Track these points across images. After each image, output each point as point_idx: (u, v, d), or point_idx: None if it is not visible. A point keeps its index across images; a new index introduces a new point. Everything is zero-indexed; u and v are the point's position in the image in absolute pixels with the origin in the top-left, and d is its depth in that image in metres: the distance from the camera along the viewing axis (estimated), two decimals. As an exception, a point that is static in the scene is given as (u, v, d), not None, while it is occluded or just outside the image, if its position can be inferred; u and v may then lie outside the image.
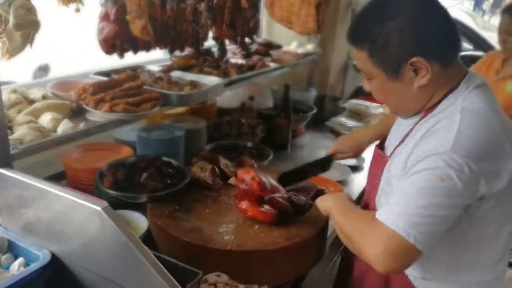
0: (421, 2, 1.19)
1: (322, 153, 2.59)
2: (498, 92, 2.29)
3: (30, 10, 1.55)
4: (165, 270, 1.13)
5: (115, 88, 1.74)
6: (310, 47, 3.14)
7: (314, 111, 2.95)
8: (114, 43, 1.91)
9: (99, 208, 1.14)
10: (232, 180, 1.61)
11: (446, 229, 1.15)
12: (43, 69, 2.87)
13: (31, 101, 1.75)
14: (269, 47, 2.91)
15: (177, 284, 1.12)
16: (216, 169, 1.82)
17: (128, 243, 1.13)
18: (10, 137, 1.39)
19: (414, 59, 1.16)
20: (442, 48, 1.19)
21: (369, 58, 1.23)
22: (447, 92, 1.24)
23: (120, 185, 1.67)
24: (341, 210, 1.35)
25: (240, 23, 2.31)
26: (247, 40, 2.53)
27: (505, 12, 2.57)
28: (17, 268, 1.26)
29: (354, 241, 1.22)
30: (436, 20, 1.19)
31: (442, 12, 1.20)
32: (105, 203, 1.16)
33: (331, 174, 2.22)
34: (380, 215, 1.15)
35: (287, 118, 2.58)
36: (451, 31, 1.20)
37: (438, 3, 1.21)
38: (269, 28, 3.39)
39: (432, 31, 1.17)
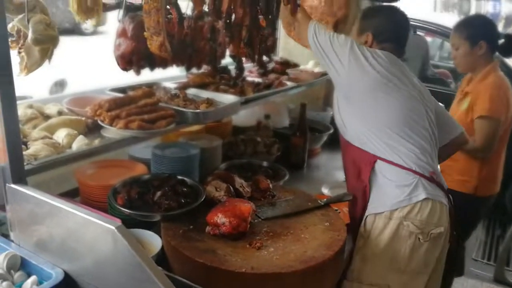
0: (394, 19, 1.99)
1: (338, 174, 2.58)
2: (458, 111, 2.49)
3: (49, 25, 1.56)
4: (178, 292, 1.10)
5: (130, 105, 1.73)
6: (327, 66, 3.11)
7: (331, 131, 2.91)
8: (131, 59, 1.91)
9: (112, 227, 1.12)
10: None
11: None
12: (60, 85, 2.89)
13: (47, 117, 1.75)
14: (286, 65, 2.89)
15: (190, 306, 1.09)
16: (231, 188, 1.80)
17: (141, 264, 1.11)
18: (24, 153, 1.38)
19: (368, 33, 1.95)
20: (384, 40, 1.93)
21: (360, 19, 2.06)
22: None
23: (134, 203, 1.65)
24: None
25: (258, 41, 2.30)
26: (264, 58, 2.52)
27: (454, 27, 2.63)
28: (29, 286, 1.23)
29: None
30: (393, 28, 1.96)
31: (400, 27, 2.00)
32: (118, 222, 1.15)
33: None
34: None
35: (303, 138, 2.55)
36: (398, 38, 1.96)
37: (403, 25, 2.01)
38: (286, 46, 3.39)
39: (384, 28, 1.95)
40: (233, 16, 2.10)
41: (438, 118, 1.94)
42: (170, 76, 2.47)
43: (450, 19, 2.62)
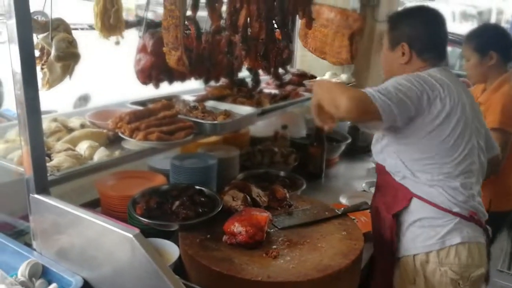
0: (427, 21, 1.77)
1: (356, 184, 2.58)
2: None
3: (72, 43, 1.63)
4: (194, 300, 1.12)
5: (150, 117, 1.78)
6: (343, 77, 3.13)
7: (349, 140, 2.91)
8: (150, 73, 1.97)
9: (130, 235, 1.15)
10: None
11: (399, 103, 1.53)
12: (83, 99, 3.00)
13: (70, 130, 1.81)
14: (303, 77, 2.92)
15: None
16: (248, 198, 1.82)
17: (158, 272, 1.13)
18: (48, 164, 1.43)
19: (403, 43, 1.75)
20: (423, 49, 1.74)
21: (389, 30, 1.83)
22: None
23: (153, 213, 1.68)
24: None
25: (274, 54, 2.33)
26: (280, 70, 2.55)
27: (464, 38, 2.58)
28: (50, 293, 1.27)
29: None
30: (429, 32, 1.75)
31: (437, 29, 1.77)
32: (137, 231, 1.18)
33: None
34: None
35: (321, 147, 2.56)
36: (437, 43, 1.77)
37: (439, 26, 1.77)
38: (302, 58, 3.42)
39: (423, 36, 1.74)
40: (249, 30, 2.14)
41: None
42: (190, 89, 2.53)
43: (469, 29, 2.57)
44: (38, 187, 1.35)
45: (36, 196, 1.35)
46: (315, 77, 3.03)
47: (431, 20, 1.78)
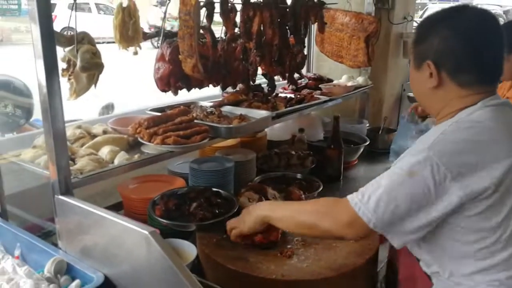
0: (465, 28, 1.29)
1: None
2: None
3: (95, 54, 1.72)
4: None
5: (167, 122, 1.85)
6: (360, 79, 3.15)
7: (367, 143, 2.92)
8: (168, 81, 2.05)
9: (146, 232, 1.21)
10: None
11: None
12: (106, 107, 3.12)
13: (93, 136, 1.90)
14: (319, 81, 2.94)
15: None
16: (263, 199, 1.86)
17: (174, 268, 1.18)
18: (71, 168, 1.51)
19: (428, 61, 1.31)
20: (457, 69, 1.30)
21: (414, 42, 1.41)
22: (464, 106, 1.31)
23: (171, 214, 1.74)
24: (282, 206, 1.60)
25: (288, 59, 2.36)
26: (296, 75, 2.58)
27: None
28: (73, 289, 1.34)
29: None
30: (467, 45, 1.28)
31: (483, 39, 1.29)
32: (153, 228, 1.23)
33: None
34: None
35: (338, 150, 2.56)
36: (483, 60, 1.30)
37: (486, 34, 1.30)
38: (319, 63, 3.45)
39: (456, 51, 1.29)
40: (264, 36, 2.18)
41: None
42: (209, 95, 2.60)
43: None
44: (62, 189, 1.43)
45: (61, 197, 1.43)
46: (332, 81, 3.05)
47: (471, 26, 1.28)
